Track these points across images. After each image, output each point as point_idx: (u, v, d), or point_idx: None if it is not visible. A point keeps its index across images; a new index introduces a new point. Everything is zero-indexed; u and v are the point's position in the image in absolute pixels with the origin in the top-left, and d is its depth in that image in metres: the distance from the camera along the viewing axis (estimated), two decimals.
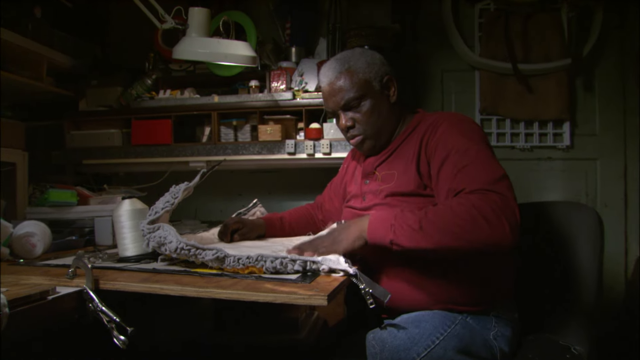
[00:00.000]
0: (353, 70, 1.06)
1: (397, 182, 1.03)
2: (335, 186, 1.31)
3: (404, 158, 1.04)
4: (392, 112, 1.08)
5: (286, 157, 1.79)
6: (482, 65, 2.03)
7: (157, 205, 1.03)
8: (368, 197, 1.08)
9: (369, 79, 1.06)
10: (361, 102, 1.06)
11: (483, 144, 0.95)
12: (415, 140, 1.03)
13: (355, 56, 1.07)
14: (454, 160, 0.93)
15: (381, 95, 1.07)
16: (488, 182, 0.86)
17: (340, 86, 1.06)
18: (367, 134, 1.09)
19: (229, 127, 1.86)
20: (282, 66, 1.84)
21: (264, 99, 1.78)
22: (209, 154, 1.82)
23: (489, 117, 2.08)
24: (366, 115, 1.07)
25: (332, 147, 1.76)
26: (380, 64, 1.07)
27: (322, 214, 1.33)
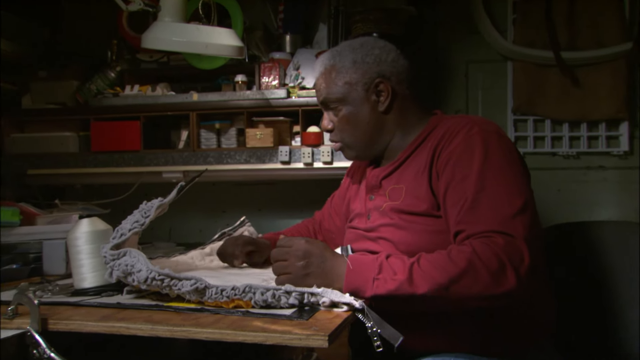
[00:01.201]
0: (336, 69, 1.08)
1: (405, 198, 1.03)
2: (336, 202, 1.33)
3: (414, 170, 1.05)
4: (381, 121, 1.09)
5: (279, 166, 1.80)
6: (516, 55, 2.05)
7: (123, 225, 1.05)
8: (373, 215, 1.09)
9: (351, 82, 1.07)
10: (339, 105, 1.09)
11: (504, 166, 0.95)
12: (429, 150, 1.04)
13: (345, 51, 1.09)
14: (462, 189, 0.94)
15: (365, 101, 1.08)
16: (497, 222, 0.88)
17: (321, 84, 1.11)
18: (345, 142, 1.12)
19: (211, 130, 1.88)
20: (275, 58, 1.86)
21: (253, 98, 1.81)
22: (186, 163, 1.84)
23: (524, 118, 2.10)
24: (343, 122, 1.10)
25: (334, 155, 1.77)
26: (374, 63, 1.07)
27: (321, 234, 1.35)
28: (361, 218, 1.13)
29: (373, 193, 1.11)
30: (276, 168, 1.81)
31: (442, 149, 1.00)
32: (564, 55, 1.98)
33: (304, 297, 0.88)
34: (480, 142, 0.97)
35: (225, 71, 1.88)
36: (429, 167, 1.01)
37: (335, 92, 1.09)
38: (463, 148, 0.97)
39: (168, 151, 1.87)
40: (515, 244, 0.86)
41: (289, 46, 1.92)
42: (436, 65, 2.12)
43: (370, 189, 1.12)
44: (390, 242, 1.03)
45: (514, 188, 0.93)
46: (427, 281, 0.85)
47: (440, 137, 1.03)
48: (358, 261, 0.91)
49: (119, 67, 1.92)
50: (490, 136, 0.99)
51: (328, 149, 1.77)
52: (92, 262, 1.03)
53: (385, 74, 1.08)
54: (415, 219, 1.01)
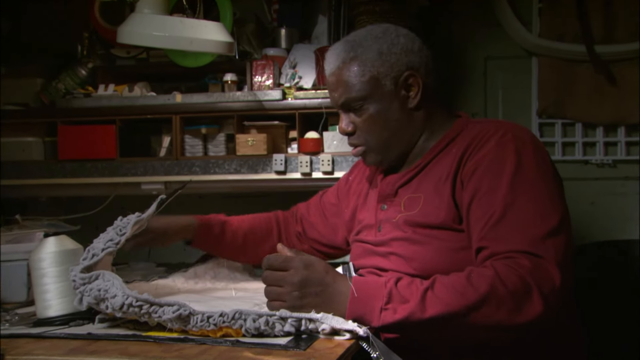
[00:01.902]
0: (359, 61, 1.07)
1: (423, 208, 1.03)
2: (329, 200, 1.34)
3: (435, 177, 1.05)
4: (411, 120, 1.09)
5: (274, 177, 1.81)
6: (542, 50, 2.06)
7: (95, 244, 1.05)
8: (385, 227, 1.09)
9: (377, 76, 1.07)
10: (364, 104, 1.08)
11: (538, 179, 0.95)
12: (454, 156, 1.04)
13: (367, 40, 1.08)
14: (490, 201, 0.94)
15: (394, 97, 1.08)
16: (526, 242, 0.89)
17: (340, 80, 1.09)
18: (369, 145, 1.11)
19: (197, 136, 1.88)
20: (268, 54, 1.87)
21: (244, 99, 1.81)
22: (168, 173, 1.85)
23: (551, 122, 2.10)
24: (368, 122, 1.09)
25: (335, 164, 1.77)
26: (402, 53, 1.07)
27: (300, 226, 1.36)
28: (370, 230, 1.13)
29: (386, 202, 1.11)
30: (270, 179, 1.81)
31: (470, 156, 1.00)
32: (597, 49, 1.99)
33: (301, 324, 0.88)
34: (513, 150, 0.97)
35: (212, 69, 1.89)
36: (453, 175, 1.01)
37: (361, 89, 1.07)
38: (493, 156, 0.97)
39: (147, 159, 1.87)
40: (545, 267, 0.86)
41: (284, 41, 1.93)
42: (450, 62, 2.14)
43: (382, 197, 1.12)
44: (403, 259, 1.03)
45: (548, 205, 0.93)
46: (442, 308, 0.85)
47: (469, 143, 1.03)
48: (364, 286, 0.90)
49: (91, 64, 1.93)
50: (525, 145, 0.99)
51: (328, 158, 1.77)
52: (59, 286, 1.03)
53: (414, 66, 1.08)
54: (433, 233, 1.00)
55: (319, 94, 1.79)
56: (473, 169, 0.99)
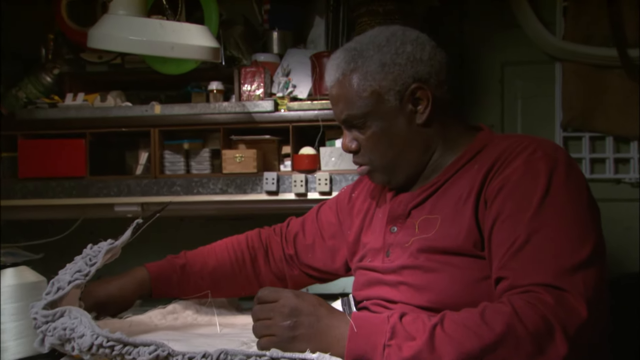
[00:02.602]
0: (359, 75, 1.08)
1: (440, 231, 1.03)
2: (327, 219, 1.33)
3: (455, 197, 1.05)
4: (420, 137, 1.10)
5: (264, 197, 1.81)
6: (567, 54, 2.07)
7: (61, 276, 1.04)
8: (394, 252, 1.09)
9: (379, 90, 1.07)
10: (366, 121, 1.09)
11: (571, 203, 0.95)
12: (477, 173, 1.05)
13: (368, 50, 1.09)
14: (514, 225, 0.94)
15: (400, 113, 1.08)
16: (551, 274, 0.88)
17: (341, 95, 1.10)
18: (374, 165, 1.12)
19: (178, 152, 1.89)
20: (259, 60, 1.88)
21: (231, 111, 1.82)
22: (146, 193, 1.85)
23: (577, 135, 2.11)
24: (372, 141, 1.10)
25: (333, 183, 1.77)
26: (407, 63, 1.08)
27: (292, 248, 1.34)
28: (377, 255, 1.13)
29: (397, 224, 1.11)
30: (260, 200, 1.81)
31: (496, 174, 1.01)
32: (631, 53, 1.99)
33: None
34: (545, 169, 0.97)
35: (196, 77, 1.90)
36: (476, 195, 1.01)
37: (361, 106, 1.08)
38: (521, 174, 0.98)
39: (122, 178, 1.87)
40: (570, 303, 0.86)
41: (276, 46, 1.94)
42: (463, 69, 2.15)
43: (393, 218, 1.12)
44: (415, 290, 1.03)
45: (580, 233, 0.93)
46: (454, 349, 0.84)
47: (495, 159, 1.03)
48: (364, 321, 0.90)
49: (57, 70, 1.93)
50: (558, 165, 0.99)
51: (326, 176, 1.77)
52: (17, 325, 1.03)
53: (422, 77, 1.08)
54: (451, 260, 1.00)
55: (315, 104, 1.79)
56: (498, 187, 0.99)
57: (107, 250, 1.08)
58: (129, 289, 1.26)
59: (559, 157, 1.01)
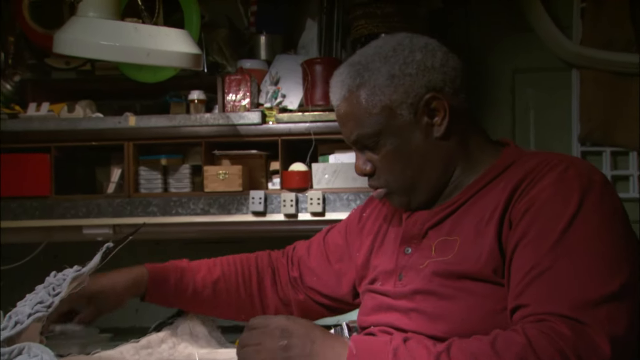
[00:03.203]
0: (367, 89, 1.08)
1: (459, 254, 1.03)
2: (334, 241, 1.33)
3: (476, 217, 1.05)
4: (440, 151, 1.10)
5: (250, 218, 1.80)
6: (584, 61, 2.07)
7: (20, 309, 1.01)
8: (407, 275, 1.09)
9: (390, 105, 1.08)
10: (379, 140, 1.10)
11: (604, 229, 0.95)
12: (502, 191, 1.04)
13: (374, 62, 1.09)
14: (537, 249, 0.94)
15: (415, 127, 1.09)
16: (571, 305, 0.88)
17: (349, 113, 1.10)
18: (391, 186, 1.12)
19: (155, 168, 1.88)
20: (245, 67, 1.88)
21: (214, 123, 1.81)
22: (118, 214, 1.83)
23: (596, 150, 2.11)
24: (387, 161, 1.10)
25: (326, 203, 1.77)
26: (418, 72, 1.08)
27: (297, 270, 1.35)
28: (389, 278, 1.13)
29: (411, 245, 1.11)
30: (246, 221, 1.80)
31: (524, 192, 1.01)
32: None
33: None
34: (577, 190, 0.97)
35: (175, 85, 1.89)
36: (501, 215, 1.01)
37: (372, 123, 1.08)
38: (550, 195, 0.98)
39: (91, 197, 1.86)
40: (590, 338, 0.85)
41: (264, 51, 1.94)
42: (470, 75, 2.15)
43: (407, 239, 1.12)
44: (428, 317, 1.03)
45: (611, 263, 0.92)
46: None
47: (523, 177, 1.03)
48: (364, 344, 0.91)
49: (18, 76, 1.92)
50: (592, 186, 0.98)
51: (318, 195, 1.76)
52: None
53: (436, 86, 1.08)
54: (469, 286, 1.00)
55: (307, 116, 1.79)
56: (524, 208, 0.99)
57: (73, 278, 1.06)
58: (122, 284, 1.25)
59: (594, 177, 1.00)
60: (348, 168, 1.82)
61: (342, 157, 1.85)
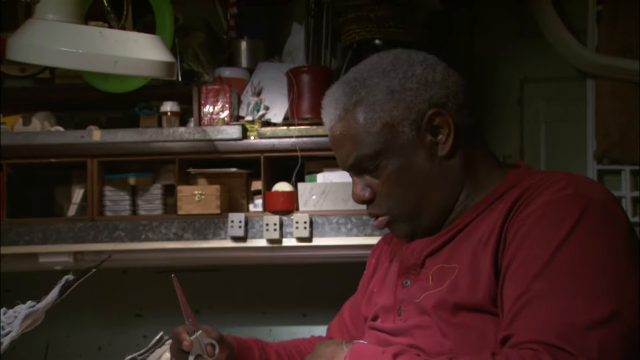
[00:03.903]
0: (365, 107, 1.09)
1: (455, 283, 1.05)
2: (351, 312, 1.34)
3: (474, 241, 1.06)
4: (445, 171, 1.11)
5: (229, 244, 1.80)
6: (601, 69, 2.08)
7: None
8: (406, 310, 1.11)
9: (391, 122, 1.09)
10: (380, 161, 1.11)
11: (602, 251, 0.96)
12: (499, 213, 1.06)
13: (372, 77, 1.11)
14: (526, 273, 0.96)
15: (419, 146, 1.10)
16: (557, 331, 0.89)
17: (345, 135, 1.11)
18: (394, 213, 1.13)
19: (122, 188, 1.87)
20: (223, 76, 1.88)
21: (189, 138, 1.82)
22: (80, 240, 1.83)
23: (614, 169, 2.11)
24: (389, 184, 1.11)
25: (314, 227, 1.77)
26: (420, 87, 1.09)
27: None
28: (388, 314, 1.14)
29: (409, 276, 1.13)
30: (224, 247, 1.80)
31: (518, 212, 1.02)
32: None
33: None
34: (573, 210, 0.98)
35: (145, 96, 1.89)
36: (497, 238, 1.02)
37: (372, 143, 1.09)
38: (543, 214, 0.99)
39: (50, 221, 1.85)
40: None
41: (245, 58, 1.94)
42: (473, 86, 2.14)
43: (405, 270, 1.14)
44: (427, 355, 1.04)
45: (608, 288, 0.93)
46: None
47: (518, 196, 1.05)
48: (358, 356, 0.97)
49: None
50: (591, 205, 0.99)
51: (305, 218, 1.76)
52: None
53: (439, 101, 1.10)
54: (469, 319, 1.02)
55: (292, 131, 1.79)
56: (516, 228, 1.00)
57: (27, 315, 1.06)
58: None
59: (594, 196, 1.00)
60: (338, 188, 1.82)
61: (331, 176, 1.85)
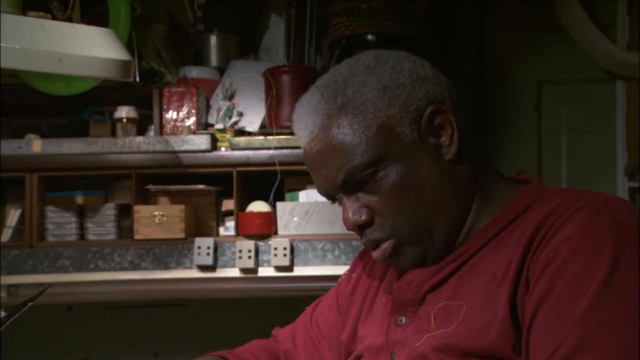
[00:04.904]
0: (354, 108, 1.09)
1: (464, 324, 1.05)
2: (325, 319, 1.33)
3: (486, 276, 1.06)
4: (456, 178, 1.12)
5: (195, 274, 1.80)
6: (632, 69, 2.09)
7: None
8: (401, 354, 1.10)
9: (388, 123, 1.08)
10: (378, 171, 1.09)
11: None
12: (517, 241, 1.06)
13: (358, 74, 1.11)
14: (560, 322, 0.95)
15: (423, 149, 1.10)
16: None
17: (330, 148, 1.10)
18: (401, 234, 1.11)
19: (67, 208, 1.86)
20: (190, 76, 1.88)
21: (149, 149, 1.81)
22: (15, 270, 1.81)
23: None
24: (392, 197, 1.09)
25: (295, 254, 1.77)
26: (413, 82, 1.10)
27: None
28: (377, 357, 1.14)
29: (405, 313, 1.12)
30: (190, 278, 1.80)
31: (543, 242, 1.02)
32: None
33: None
34: (611, 240, 0.97)
35: (97, 99, 1.88)
36: (516, 272, 1.02)
37: (368, 149, 1.08)
38: (577, 245, 0.98)
39: None
40: None
41: (215, 56, 1.94)
42: (482, 89, 2.16)
43: (400, 305, 1.13)
44: None
45: None
46: None
47: (541, 222, 1.04)
48: None
49: None
50: (631, 234, 0.99)
51: (285, 244, 1.76)
52: None
53: (435, 98, 1.11)
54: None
55: (270, 141, 1.78)
56: (544, 263, 1.00)
57: None
58: None
59: (632, 222, 1.00)
60: (324, 208, 1.81)
61: (315, 194, 1.84)
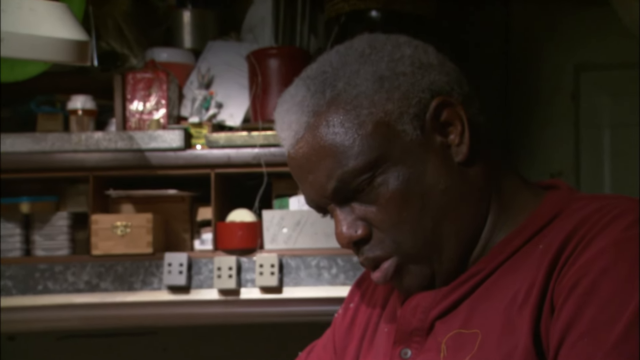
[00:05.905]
0: (346, 103, 1.08)
1: (477, 357, 1.06)
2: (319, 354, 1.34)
3: (505, 299, 1.07)
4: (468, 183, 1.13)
5: (165, 297, 1.79)
6: None
7: None
8: None
9: (386, 119, 1.08)
10: (375, 176, 1.09)
11: None
12: (542, 258, 1.07)
13: (351, 63, 1.11)
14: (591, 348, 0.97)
15: (426, 149, 1.10)
16: None
17: (319, 149, 1.09)
18: (405, 249, 1.11)
19: (11, 218, 1.85)
20: (159, 61, 1.88)
21: (109, 147, 1.81)
22: None
23: None
24: (393, 207, 1.09)
25: (285, 272, 1.78)
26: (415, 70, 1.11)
27: None
28: None
29: (411, 345, 1.14)
30: (159, 301, 1.80)
31: (570, 259, 1.03)
32: None
33: None
34: None
35: (46, 87, 1.88)
36: (540, 294, 1.03)
37: (363, 151, 1.07)
38: (609, 263, 0.99)
39: None
40: None
41: (189, 36, 1.96)
42: (507, 76, 2.18)
43: (405, 335, 1.14)
44: None
45: None
46: None
47: (569, 235, 1.05)
48: None
49: None
50: None
51: (272, 260, 1.76)
52: None
53: (442, 89, 1.11)
54: None
55: (256, 138, 1.79)
56: (572, 283, 1.01)
57: None
58: None
59: None
60: (319, 217, 1.77)
61: None
